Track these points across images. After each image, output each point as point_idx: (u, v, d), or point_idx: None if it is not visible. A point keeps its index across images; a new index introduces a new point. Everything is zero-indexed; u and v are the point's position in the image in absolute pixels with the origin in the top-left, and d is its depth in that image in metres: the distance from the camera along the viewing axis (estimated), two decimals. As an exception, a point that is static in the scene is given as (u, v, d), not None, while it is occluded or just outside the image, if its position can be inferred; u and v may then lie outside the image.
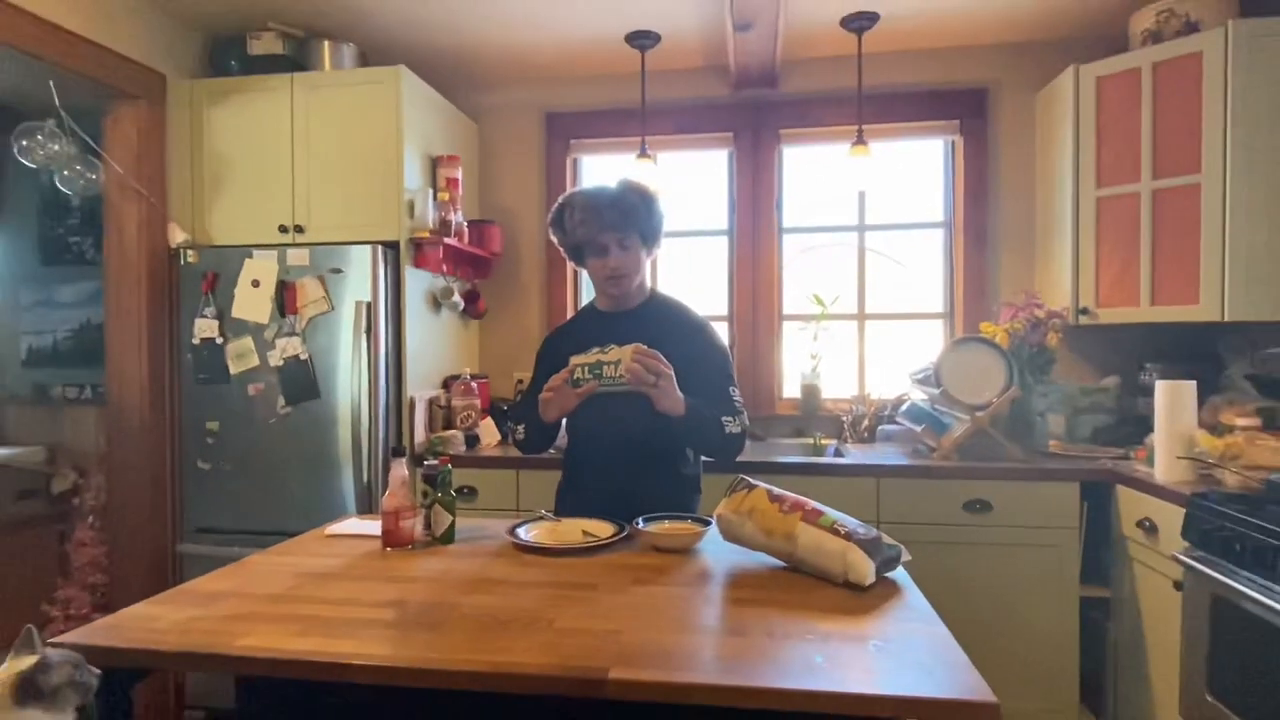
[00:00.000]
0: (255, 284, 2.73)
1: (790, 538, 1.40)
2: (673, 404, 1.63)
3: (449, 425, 2.96)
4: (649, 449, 1.78)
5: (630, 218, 1.76)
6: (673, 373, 1.63)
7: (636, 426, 1.73)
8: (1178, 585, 2.02)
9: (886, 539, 1.41)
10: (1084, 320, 2.73)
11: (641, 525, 1.62)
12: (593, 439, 1.84)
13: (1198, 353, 2.74)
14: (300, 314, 2.71)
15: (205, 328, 2.75)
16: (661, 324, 1.82)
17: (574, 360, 1.67)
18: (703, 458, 1.94)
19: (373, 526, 1.76)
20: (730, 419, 1.73)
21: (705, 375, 1.76)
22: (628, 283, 1.80)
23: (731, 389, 1.79)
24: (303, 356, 2.71)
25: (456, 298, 3.07)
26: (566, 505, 1.92)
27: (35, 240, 3.67)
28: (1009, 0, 2.74)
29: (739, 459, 1.96)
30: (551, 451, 2.32)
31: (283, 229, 2.81)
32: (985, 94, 3.13)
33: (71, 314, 3.63)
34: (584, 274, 3.56)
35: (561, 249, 1.89)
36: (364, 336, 2.67)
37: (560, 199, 1.85)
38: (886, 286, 3.32)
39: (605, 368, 1.64)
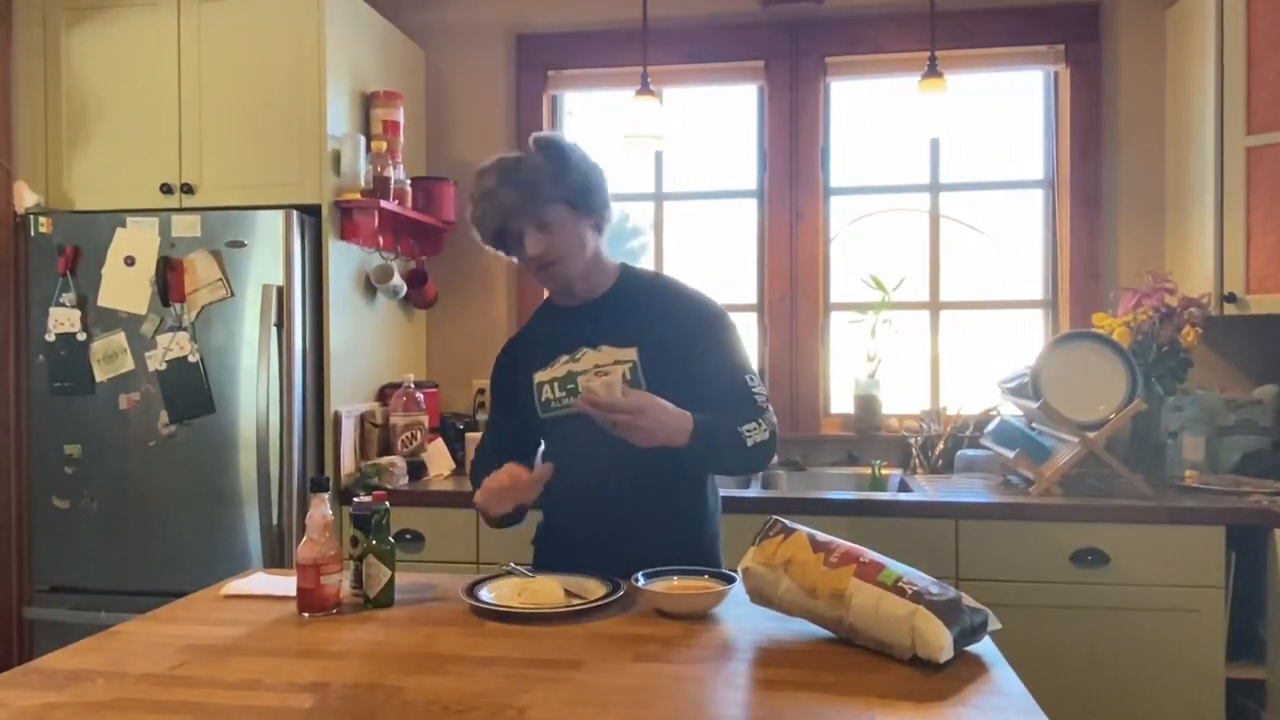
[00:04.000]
0: (129, 262, 2.73)
1: (840, 599, 1.40)
2: (654, 436, 1.62)
3: (386, 450, 2.96)
4: (650, 480, 1.78)
5: (536, 187, 1.71)
6: (641, 404, 1.61)
7: (633, 449, 1.72)
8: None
9: (968, 601, 1.40)
10: (1231, 310, 2.72)
11: (642, 582, 1.62)
12: (577, 467, 1.84)
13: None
14: (189, 302, 2.70)
15: (63, 319, 2.74)
16: (639, 306, 1.83)
17: (539, 378, 1.69)
18: (720, 492, 1.95)
19: (285, 584, 1.76)
20: (753, 425, 1.72)
21: (708, 360, 1.77)
22: (564, 270, 1.78)
23: (748, 377, 1.78)
24: (192, 358, 2.70)
25: (397, 280, 3.07)
26: (544, 555, 1.92)
27: None
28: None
29: (775, 495, 1.96)
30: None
31: (166, 189, 2.80)
32: (1099, 10, 3.12)
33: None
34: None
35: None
36: (274, 332, 2.67)
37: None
38: (968, 265, 3.31)
39: (580, 379, 1.67)
